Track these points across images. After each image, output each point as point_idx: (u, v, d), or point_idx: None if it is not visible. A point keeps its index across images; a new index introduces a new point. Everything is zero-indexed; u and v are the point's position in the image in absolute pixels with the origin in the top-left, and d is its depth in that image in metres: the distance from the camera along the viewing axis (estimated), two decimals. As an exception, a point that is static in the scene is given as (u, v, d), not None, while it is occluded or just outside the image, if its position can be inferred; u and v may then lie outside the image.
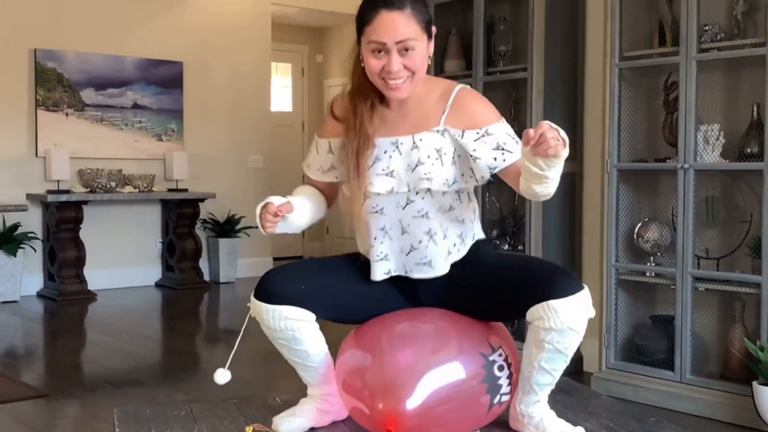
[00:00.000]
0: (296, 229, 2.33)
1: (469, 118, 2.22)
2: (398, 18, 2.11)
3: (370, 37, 2.14)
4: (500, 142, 2.22)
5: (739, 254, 3.82)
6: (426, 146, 2.21)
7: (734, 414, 3.62)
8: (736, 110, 3.86)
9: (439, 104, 2.24)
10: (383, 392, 2.11)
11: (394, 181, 2.21)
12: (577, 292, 2.11)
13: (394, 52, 2.13)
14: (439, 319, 2.30)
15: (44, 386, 4.23)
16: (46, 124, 7.19)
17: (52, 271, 7.02)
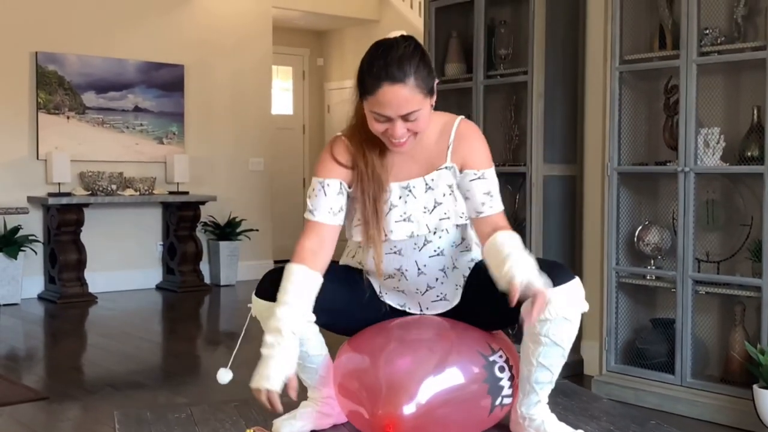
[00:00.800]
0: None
1: (468, 156, 2.22)
2: (401, 91, 2.02)
3: (372, 107, 2.07)
4: (491, 189, 2.22)
5: (739, 257, 3.82)
6: (439, 185, 2.20)
7: (735, 417, 3.62)
8: (737, 113, 3.86)
9: (441, 140, 2.21)
10: (382, 397, 2.11)
11: (413, 225, 2.19)
12: (568, 281, 2.13)
13: (398, 121, 2.06)
14: (438, 322, 2.31)
15: (45, 389, 4.23)
16: (47, 126, 7.19)
17: (52, 274, 7.03)
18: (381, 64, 2.02)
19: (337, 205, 2.20)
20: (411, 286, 2.27)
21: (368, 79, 2.04)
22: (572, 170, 4.61)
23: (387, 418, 2.08)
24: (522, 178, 4.60)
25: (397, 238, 2.19)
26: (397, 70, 2.01)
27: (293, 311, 2.07)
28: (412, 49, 2.05)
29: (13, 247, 6.71)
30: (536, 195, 4.43)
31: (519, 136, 4.72)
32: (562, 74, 4.52)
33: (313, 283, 2.13)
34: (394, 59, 2.02)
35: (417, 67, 2.03)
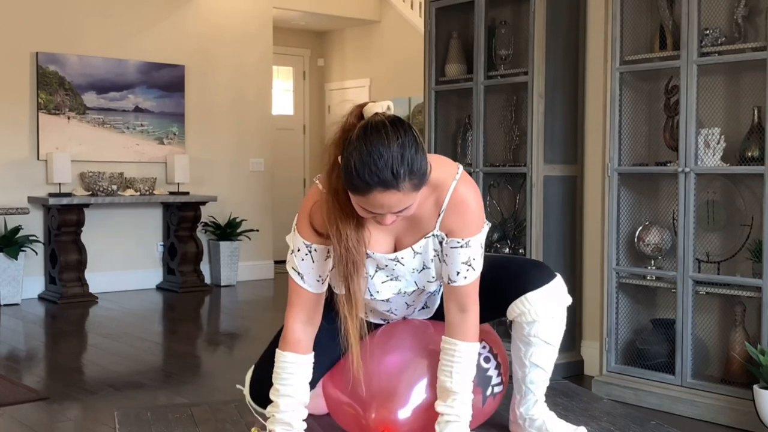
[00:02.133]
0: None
1: (457, 226, 2.07)
2: (394, 197, 1.85)
3: (362, 204, 1.89)
4: (472, 256, 2.08)
5: (739, 258, 3.82)
6: (427, 251, 2.11)
7: (735, 418, 3.62)
8: (737, 114, 3.86)
9: (434, 207, 2.06)
10: (374, 402, 2.12)
11: (400, 283, 2.15)
12: (550, 281, 2.19)
13: (388, 215, 1.92)
14: (418, 324, 2.34)
15: (45, 389, 4.24)
16: (48, 127, 7.19)
17: (53, 274, 7.03)
18: (372, 170, 1.82)
19: (324, 272, 2.08)
20: (400, 315, 2.32)
21: (357, 181, 1.84)
22: (573, 170, 4.61)
23: (381, 423, 2.08)
24: (522, 179, 4.60)
25: (384, 297, 2.17)
26: (390, 177, 1.82)
27: (296, 403, 2.09)
28: (406, 145, 1.85)
29: (13, 247, 6.71)
30: (536, 195, 4.43)
31: (519, 137, 4.72)
32: (562, 75, 4.52)
33: (309, 369, 2.12)
34: (386, 164, 1.82)
35: (411, 168, 1.84)
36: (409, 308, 2.29)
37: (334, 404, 2.29)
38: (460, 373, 2.06)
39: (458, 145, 5.02)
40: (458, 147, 5.02)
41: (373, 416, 2.10)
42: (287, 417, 2.08)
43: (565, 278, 4.75)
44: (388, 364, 2.18)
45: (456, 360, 2.07)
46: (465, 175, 2.11)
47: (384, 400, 2.11)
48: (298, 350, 2.09)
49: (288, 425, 2.07)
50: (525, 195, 4.50)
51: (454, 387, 2.06)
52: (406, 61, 8.75)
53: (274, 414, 2.09)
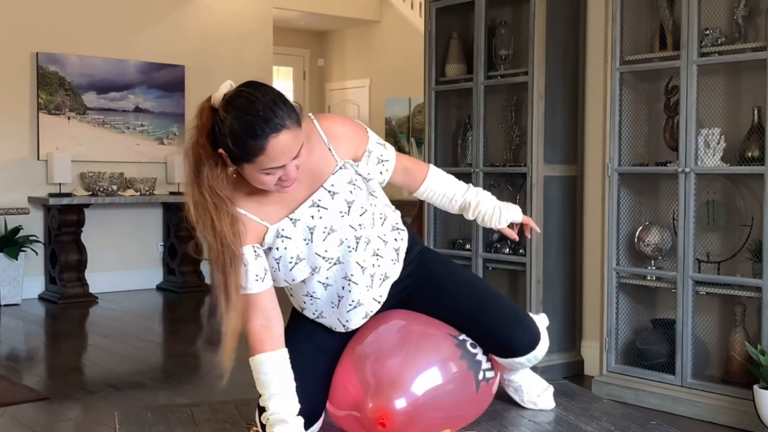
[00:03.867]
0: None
1: (351, 145, 2.17)
2: (288, 136, 1.93)
3: (265, 164, 1.94)
4: (379, 155, 2.23)
5: (740, 258, 3.82)
6: (341, 187, 2.13)
7: (735, 418, 3.62)
8: (737, 114, 3.86)
9: (318, 146, 2.12)
10: (371, 393, 2.13)
11: (338, 233, 2.13)
12: (536, 345, 2.31)
13: (290, 165, 1.98)
14: (402, 316, 2.33)
15: (46, 389, 4.24)
16: (48, 127, 7.20)
17: (53, 274, 7.03)
18: (259, 122, 1.91)
19: (260, 269, 2.10)
20: (362, 287, 2.21)
21: (251, 141, 1.91)
22: (573, 171, 4.61)
23: (379, 411, 2.09)
24: (522, 179, 4.60)
25: (332, 255, 2.14)
26: (276, 119, 1.92)
27: (286, 398, 2.09)
28: (269, 91, 1.96)
29: (13, 247, 6.72)
30: (537, 195, 4.43)
31: (519, 137, 4.72)
32: (562, 75, 4.53)
33: (282, 361, 2.12)
34: (267, 111, 1.92)
35: (284, 106, 1.95)
36: (365, 272, 2.19)
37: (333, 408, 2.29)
38: (442, 193, 2.37)
39: (458, 145, 5.02)
40: (458, 147, 5.02)
41: (370, 406, 2.11)
42: (281, 415, 2.08)
43: (566, 278, 4.75)
44: (383, 355, 2.19)
45: (437, 185, 2.36)
46: (318, 114, 2.21)
47: (381, 389, 2.12)
48: (265, 349, 2.11)
49: (284, 422, 2.07)
50: (525, 195, 4.50)
51: (450, 203, 2.39)
52: (406, 61, 8.75)
53: (269, 417, 2.09)
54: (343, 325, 2.27)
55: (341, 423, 2.27)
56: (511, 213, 2.43)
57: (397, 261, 2.27)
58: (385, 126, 9.54)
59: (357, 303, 2.23)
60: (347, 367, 2.24)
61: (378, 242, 2.22)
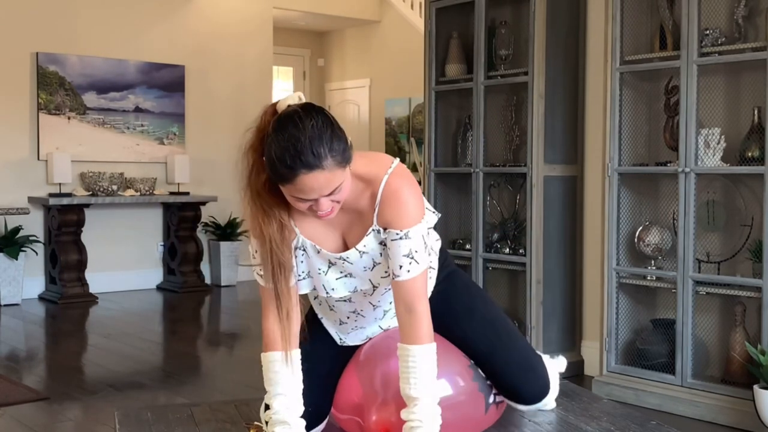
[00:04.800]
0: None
1: (394, 217, 2.03)
2: (321, 176, 1.86)
3: (293, 192, 1.91)
4: (413, 247, 2.03)
5: (740, 258, 3.82)
6: (372, 248, 2.07)
7: (735, 418, 3.62)
8: (737, 114, 3.86)
9: (368, 202, 2.05)
10: (376, 405, 2.11)
11: (355, 280, 2.11)
12: (545, 396, 2.28)
13: (322, 199, 1.91)
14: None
15: (46, 389, 4.24)
16: (48, 127, 7.20)
17: (53, 274, 7.03)
18: (293, 154, 1.85)
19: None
20: (369, 318, 2.24)
21: (282, 169, 1.87)
22: (573, 171, 4.61)
23: (382, 424, 2.08)
24: (522, 179, 4.60)
25: (339, 295, 2.13)
26: (311, 157, 1.84)
27: (290, 400, 2.07)
28: (321, 125, 1.88)
29: (13, 247, 6.71)
30: (537, 195, 4.43)
31: (519, 137, 4.72)
32: (562, 75, 4.53)
33: (295, 363, 2.09)
34: (305, 146, 1.85)
35: (330, 145, 1.86)
36: (377, 309, 2.21)
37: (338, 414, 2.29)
38: (417, 377, 2.00)
39: (458, 146, 5.02)
40: (458, 147, 5.02)
41: (374, 419, 2.10)
42: (283, 416, 2.07)
43: (566, 278, 4.75)
44: (387, 367, 2.18)
45: (411, 365, 2.01)
46: (400, 167, 2.07)
47: (384, 402, 2.11)
48: (278, 348, 2.08)
49: (285, 423, 2.06)
50: (525, 195, 4.50)
51: (414, 393, 2.00)
52: (406, 61, 8.75)
53: (271, 416, 2.09)
54: (340, 339, 2.27)
55: (343, 425, 2.27)
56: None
57: None
58: (385, 126, 9.54)
59: (359, 327, 2.25)
60: (355, 373, 2.23)
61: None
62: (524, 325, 4.46)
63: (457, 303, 2.29)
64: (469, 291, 2.34)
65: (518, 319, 4.56)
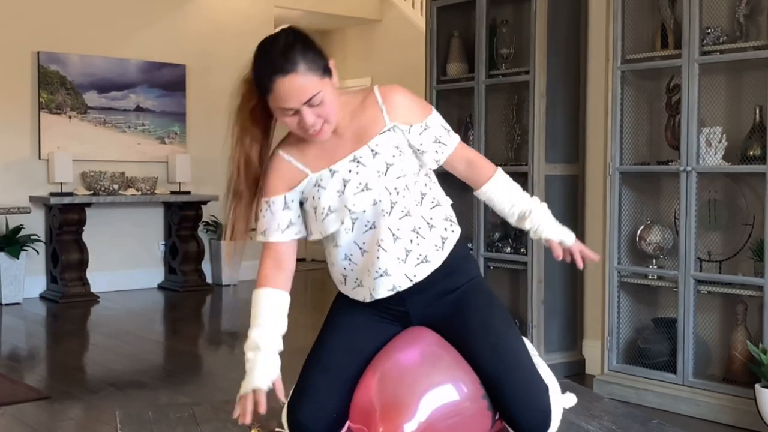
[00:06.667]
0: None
1: (407, 113, 2.24)
2: (295, 80, 2.05)
3: (275, 104, 2.10)
4: (437, 135, 2.27)
5: (741, 257, 3.82)
6: (385, 148, 2.20)
7: (736, 417, 3.62)
8: (739, 113, 3.86)
9: (371, 109, 2.22)
10: (383, 418, 2.11)
11: (372, 192, 2.17)
12: (545, 429, 2.20)
13: (304, 109, 2.09)
14: (437, 342, 2.28)
15: (47, 388, 4.24)
16: (49, 126, 7.20)
17: (54, 274, 7.03)
18: (267, 60, 2.07)
19: (284, 221, 2.23)
20: (391, 257, 2.20)
21: (262, 78, 2.08)
22: (574, 170, 4.61)
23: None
24: (524, 178, 4.59)
25: (360, 208, 2.17)
26: (283, 62, 2.04)
27: (268, 330, 2.19)
28: (293, 38, 2.08)
29: (15, 246, 6.72)
30: (538, 194, 4.42)
31: (521, 136, 4.72)
32: (563, 74, 4.52)
33: (280, 301, 2.24)
34: (277, 52, 2.06)
35: (303, 52, 2.06)
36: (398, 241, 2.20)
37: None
38: (504, 196, 2.35)
39: (459, 145, 5.01)
40: (459, 146, 5.00)
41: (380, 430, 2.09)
42: (258, 342, 2.18)
43: (567, 277, 4.75)
44: (407, 378, 2.17)
45: (502, 187, 2.36)
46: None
47: (390, 413, 2.10)
48: (268, 285, 2.24)
49: (257, 348, 2.17)
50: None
51: (524, 206, 2.35)
52: (407, 60, 8.74)
53: (246, 344, 2.21)
54: (370, 293, 2.25)
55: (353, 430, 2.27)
56: (566, 231, 2.37)
57: (442, 249, 2.26)
58: (386, 125, 9.53)
59: (384, 272, 2.22)
60: (370, 381, 2.22)
61: (420, 221, 2.23)
62: (525, 324, 4.46)
63: (473, 318, 2.28)
64: (489, 308, 2.32)
65: (519, 319, 4.55)
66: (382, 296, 2.24)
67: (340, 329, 2.31)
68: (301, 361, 2.30)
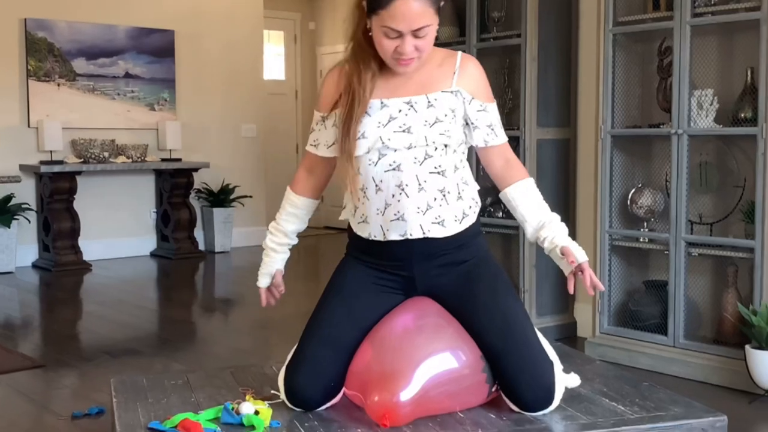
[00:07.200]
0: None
1: (475, 87, 2.30)
2: (414, 5, 2.09)
3: (384, 22, 2.12)
4: (493, 122, 2.34)
5: (732, 219, 3.83)
6: (441, 105, 2.25)
7: (727, 377, 3.66)
8: (730, 75, 3.85)
9: (446, 66, 2.29)
10: (379, 385, 2.12)
11: (412, 137, 2.21)
12: (546, 407, 2.22)
13: (408, 37, 2.13)
14: (439, 313, 2.29)
15: (41, 357, 4.25)
16: (38, 94, 7.15)
17: (46, 242, 7.02)
18: None
19: (332, 138, 2.33)
20: (412, 204, 2.22)
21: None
22: (566, 134, 4.60)
23: (384, 407, 2.08)
24: (516, 142, 4.58)
25: (395, 146, 2.21)
26: None
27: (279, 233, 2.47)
28: None
29: (6, 215, 6.70)
30: (530, 159, 4.42)
31: (512, 100, 4.70)
32: (555, 37, 4.50)
33: (303, 205, 2.46)
34: None
35: None
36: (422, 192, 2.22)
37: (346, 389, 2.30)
38: (530, 202, 2.36)
39: (451, 109, 4.99)
40: (451, 111, 4.99)
41: (375, 399, 2.10)
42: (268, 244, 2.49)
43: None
44: (407, 348, 2.17)
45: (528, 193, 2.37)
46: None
47: (387, 380, 2.11)
48: (297, 191, 2.46)
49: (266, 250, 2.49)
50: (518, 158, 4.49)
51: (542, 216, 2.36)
52: (398, 24, 8.68)
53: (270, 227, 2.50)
54: (383, 233, 2.26)
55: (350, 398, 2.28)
56: (581, 249, 2.38)
57: (459, 223, 2.29)
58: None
59: (401, 217, 2.24)
60: (368, 350, 2.23)
61: (452, 187, 2.27)
62: (518, 288, 4.48)
63: (481, 290, 2.29)
64: (496, 282, 2.34)
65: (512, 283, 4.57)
66: (393, 238, 2.26)
67: (343, 297, 2.32)
68: (296, 327, 2.31)
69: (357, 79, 2.23)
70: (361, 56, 2.25)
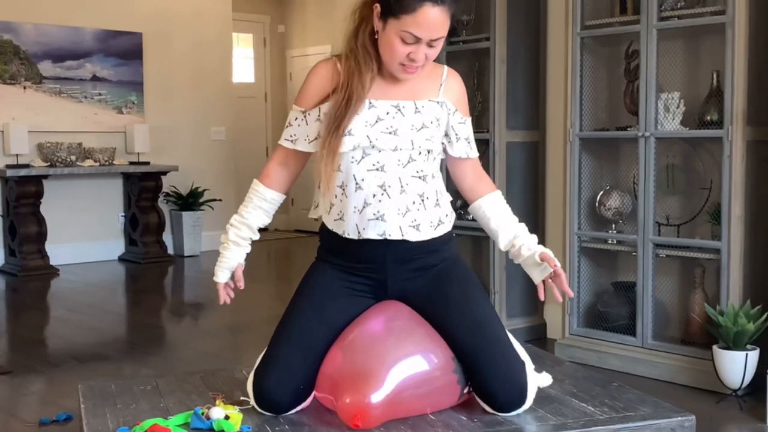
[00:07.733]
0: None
1: (457, 100, 2.36)
2: (440, 14, 2.12)
3: (406, 27, 2.13)
4: (470, 136, 2.40)
5: (699, 221, 3.88)
6: (428, 113, 2.29)
7: (695, 377, 3.69)
8: (697, 78, 3.89)
9: (433, 78, 2.33)
10: (350, 387, 2.11)
11: (398, 139, 2.24)
12: (518, 407, 2.22)
13: (423, 45, 2.16)
14: (409, 316, 2.29)
15: (8, 363, 4.20)
16: (4, 97, 7.06)
17: (13, 247, 6.94)
18: None
19: (314, 132, 2.30)
20: (393, 206, 2.23)
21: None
22: (535, 136, 4.63)
23: (355, 408, 2.08)
24: (485, 145, 4.60)
25: (381, 146, 2.23)
26: None
27: (243, 226, 2.40)
28: None
29: (-29, 220, 6.61)
30: (499, 161, 4.44)
31: (482, 103, 4.72)
32: (524, 40, 4.52)
33: (270, 198, 2.40)
34: None
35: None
36: (403, 194, 2.24)
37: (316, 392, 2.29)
38: (503, 213, 2.41)
39: (421, 112, 5.00)
40: (421, 113, 5.00)
41: (347, 401, 2.10)
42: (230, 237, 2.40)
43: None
44: (376, 350, 2.17)
45: (496, 205, 2.42)
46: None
47: (358, 383, 2.11)
48: (266, 183, 2.40)
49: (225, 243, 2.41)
50: (488, 161, 4.51)
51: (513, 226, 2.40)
52: (367, 27, 8.68)
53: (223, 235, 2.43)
54: (359, 232, 2.26)
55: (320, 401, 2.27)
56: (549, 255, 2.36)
57: (434, 230, 2.32)
58: (347, 93, 9.48)
59: (381, 217, 2.24)
60: (338, 353, 2.22)
61: (431, 193, 2.31)
62: (488, 290, 4.49)
63: (453, 290, 2.31)
64: (467, 283, 2.37)
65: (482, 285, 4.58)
66: (369, 237, 2.26)
67: (313, 300, 2.31)
68: (266, 331, 2.30)
69: (358, 77, 2.23)
70: (364, 56, 2.25)
